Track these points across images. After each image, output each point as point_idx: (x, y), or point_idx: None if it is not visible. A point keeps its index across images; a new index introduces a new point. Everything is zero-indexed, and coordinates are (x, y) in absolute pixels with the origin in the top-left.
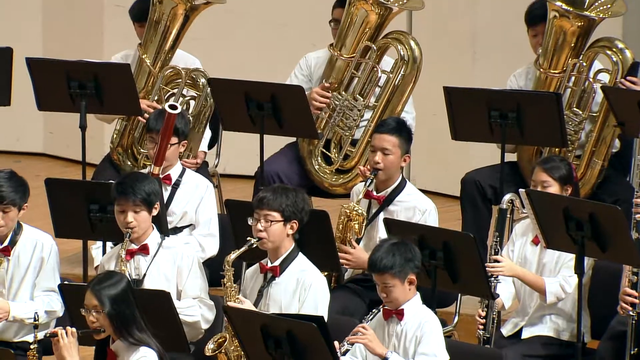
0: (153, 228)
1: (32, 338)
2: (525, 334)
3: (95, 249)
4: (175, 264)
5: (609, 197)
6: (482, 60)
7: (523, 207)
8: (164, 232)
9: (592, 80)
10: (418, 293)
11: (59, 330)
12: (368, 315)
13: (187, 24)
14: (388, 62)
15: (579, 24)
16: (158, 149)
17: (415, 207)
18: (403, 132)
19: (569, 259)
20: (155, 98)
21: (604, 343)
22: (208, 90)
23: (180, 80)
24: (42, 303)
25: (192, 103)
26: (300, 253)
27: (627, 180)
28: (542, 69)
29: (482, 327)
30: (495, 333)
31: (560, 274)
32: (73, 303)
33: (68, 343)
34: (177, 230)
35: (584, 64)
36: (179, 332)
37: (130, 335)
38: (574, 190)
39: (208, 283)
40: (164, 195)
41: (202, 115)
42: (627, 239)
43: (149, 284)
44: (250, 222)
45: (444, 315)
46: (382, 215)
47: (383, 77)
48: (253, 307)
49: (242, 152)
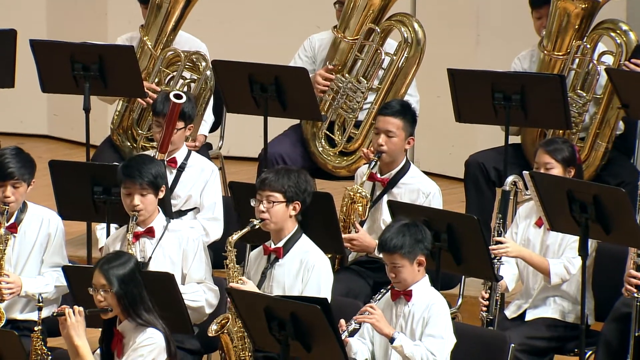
0: (159, 211)
1: (34, 316)
2: (529, 316)
3: (100, 230)
4: (181, 248)
5: (613, 179)
6: (486, 43)
7: (526, 189)
8: (168, 214)
9: (596, 63)
10: (427, 275)
11: (67, 309)
12: (376, 295)
13: (189, 7)
14: (392, 44)
15: (583, 6)
16: (162, 137)
17: (419, 189)
18: (407, 114)
19: (573, 241)
20: (155, 80)
21: (608, 325)
22: (208, 73)
23: (180, 63)
24: (51, 278)
25: (192, 86)
26: (304, 234)
27: (631, 163)
28: (546, 51)
29: (485, 309)
30: (499, 315)
31: (564, 256)
32: (77, 285)
33: (75, 322)
34: (181, 214)
35: (588, 46)
36: (183, 313)
37: (138, 316)
38: (577, 172)
39: (212, 265)
40: (169, 179)
41: (201, 98)
42: (631, 221)
43: (154, 267)
44: (253, 203)
45: (448, 298)
46: (385, 198)
47: (387, 59)
48: (255, 288)
49: (245, 134)
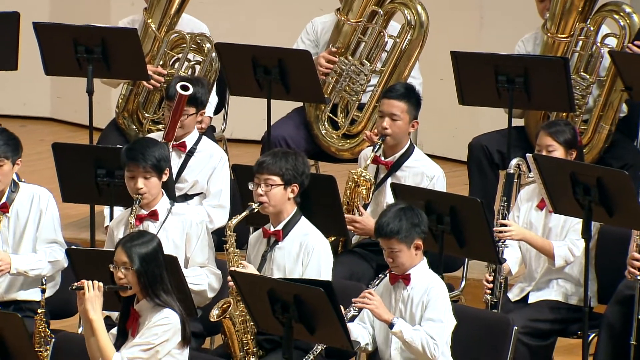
0: (163, 194)
1: (37, 296)
2: (532, 299)
3: (107, 208)
4: (184, 231)
5: (617, 161)
6: (489, 25)
7: (530, 171)
8: (172, 198)
9: (599, 45)
10: (425, 258)
11: (86, 282)
12: (374, 281)
13: None
14: (395, 26)
15: None
16: (168, 126)
17: (423, 173)
18: (412, 97)
19: (576, 223)
20: (160, 63)
21: (611, 307)
22: (213, 55)
23: (185, 45)
24: (44, 254)
25: (197, 68)
26: (303, 217)
27: (634, 145)
28: (549, 34)
29: (489, 291)
30: (502, 297)
31: (568, 238)
32: (81, 267)
33: (93, 296)
34: (187, 198)
35: (592, 29)
36: (187, 296)
37: (156, 296)
38: (579, 155)
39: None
40: (178, 162)
41: (207, 80)
42: (634, 204)
43: None
44: (251, 186)
45: (451, 280)
46: (389, 181)
47: (390, 41)
48: (256, 271)
49: (249, 116)
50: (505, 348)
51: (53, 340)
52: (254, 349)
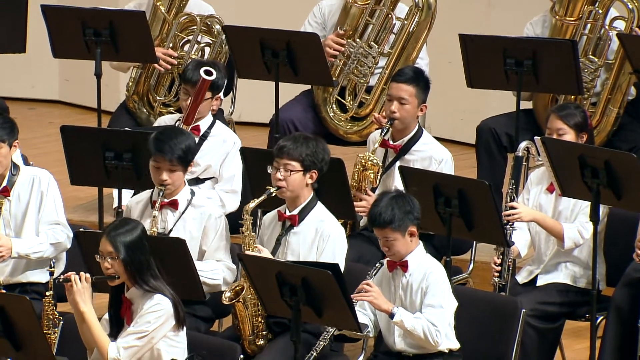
0: (185, 184)
1: (43, 278)
2: (541, 282)
3: (115, 191)
4: (202, 224)
5: (625, 144)
6: (498, 8)
7: (539, 154)
8: None
9: (607, 28)
10: (421, 243)
11: (73, 276)
12: (371, 271)
13: None
14: (402, 8)
15: None
16: (188, 111)
17: (432, 156)
18: (420, 81)
19: (585, 206)
20: (170, 45)
21: (620, 290)
22: (223, 37)
23: (195, 27)
24: (45, 236)
25: (207, 50)
26: (319, 202)
27: None
28: (557, 17)
29: (497, 274)
30: (510, 280)
31: (578, 220)
32: (89, 250)
33: (82, 288)
34: (199, 182)
35: (600, 12)
36: (194, 279)
37: (145, 283)
38: (589, 138)
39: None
40: None
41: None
42: None
43: None
44: (270, 170)
45: (459, 263)
46: (398, 165)
47: (397, 24)
48: (271, 256)
49: (257, 99)
50: (514, 331)
51: (61, 323)
52: (264, 332)
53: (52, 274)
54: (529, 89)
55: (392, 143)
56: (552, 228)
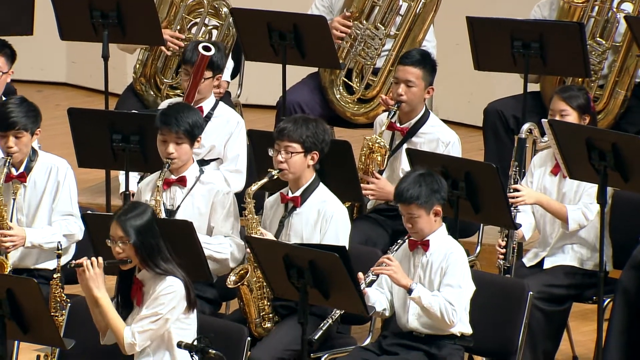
0: (193, 161)
1: (52, 265)
2: (547, 264)
3: (122, 174)
4: (210, 200)
5: (632, 127)
6: None
7: (542, 136)
8: None
9: (615, 10)
10: (444, 224)
11: (85, 261)
12: (393, 246)
13: None
14: None
15: None
16: (188, 88)
17: (439, 139)
18: (427, 64)
19: (589, 187)
20: (178, 28)
21: (626, 272)
22: (230, 20)
23: (203, 10)
24: (59, 227)
25: (214, 33)
26: (321, 183)
27: None
28: None
29: (502, 256)
30: (516, 263)
31: (581, 202)
32: (97, 233)
33: (94, 274)
34: (203, 163)
35: None
36: (201, 261)
37: (156, 266)
38: (592, 120)
39: None
40: None
41: (224, 44)
42: None
43: (182, 216)
44: (271, 153)
45: (467, 246)
46: (405, 147)
47: (404, 5)
48: (274, 239)
49: (264, 82)
50: (521, 313)
51: (69, 305)
52: (270, 315)
53: (59, 257)
54: (536, 72)
55: (399, 126)
56: (555, 210)
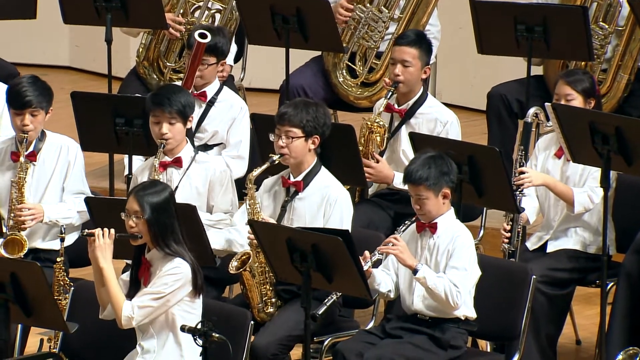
0: (187, 142)
1: (56, 246)
2: (550, 248)
3: (126, 158)
4: (208, 179)
5: (635, 110)
6: None
7: (548, 120)
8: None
9: None
10: (452, 208)
11: (97, 231)
12: (400, 227)
13: None
14: None
15: None
16: (187, 74)
17: (437, 119)
18: (423, 43)
19: (594, 171)
20: (181, 11)
21: (630, 256)
22: (234, 4)
23: None
24: (73, 204)
25: (217, 16)
26: (323, 167)
27: None
28: None
29: (507, 240)
30: (520, 247)
31: (587, 185)
32: (99, 216)
33: (103, 244)
34: (207, 148)
35: None
36: (205, 245)
37: (167, 246)
38: (597, 104)
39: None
40: (198, 112)
41: (227, 29)
42: None
43: (181, 197)
44: (272, 138)
45: (470, 229)
46: (404, 129)
47: None
48: (275, 223)
49: (267, 66)
50: (524, 297)
51: (72, 289)
52: (273, 299)
53: (62, 240)
54: (540, 55)
55: (397, 107)
56: (562, 193)
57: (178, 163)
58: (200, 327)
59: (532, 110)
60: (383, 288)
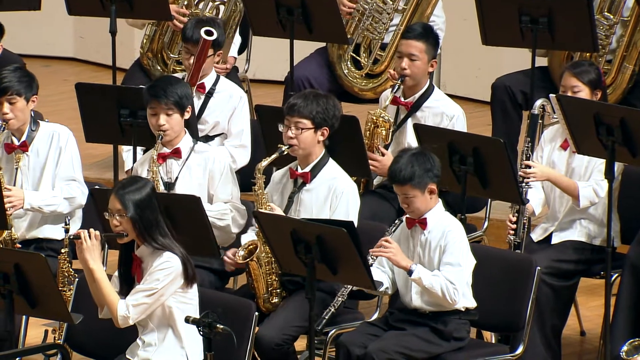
0: (185, 132)
1: (59, 235)
2: (555, 240)
3: (126, 152)
4: (207, 168)
5: None
6: None
7: (554, 112)
8: (195, 139)
9: None
10: (440, 200)
11: (82, 233)
12: (390, 228)
13: None
14: None
15: None
16: (192, 70)
17: (443, 112)
18: (430, 37)
19: (600, 163)
20: (185, 3)
21: (634, 248)
22: None
23: None
24: (60, 190)
25: (221, 8)
26: (331, 159)
27: None
28: None
29: (512, 232)
30: (525, 238)
31: (592, 178)
32: (104, 208)
33: (91, 245)
34: (208, 139)
35: None
36: (209, 236)
37: (154, 240)
38: (603, 95)
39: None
40: (198, 104)
41: (231, 21)
42: None
43: (181, 188)
44: (281, 128)
45: (474, 221)
46: (410, 122)
47: None
48: (283, 214)
49: (272, 57)
50: (529, 288)
51: (77, 280)
52: (278, 290)
53: (67, 231)
54: (545, 47)
55: (403, 100)
56: (566, 187)
57: (177, 154)
58: (204, 318)
59: (539, 102)
60: (380, 286)
